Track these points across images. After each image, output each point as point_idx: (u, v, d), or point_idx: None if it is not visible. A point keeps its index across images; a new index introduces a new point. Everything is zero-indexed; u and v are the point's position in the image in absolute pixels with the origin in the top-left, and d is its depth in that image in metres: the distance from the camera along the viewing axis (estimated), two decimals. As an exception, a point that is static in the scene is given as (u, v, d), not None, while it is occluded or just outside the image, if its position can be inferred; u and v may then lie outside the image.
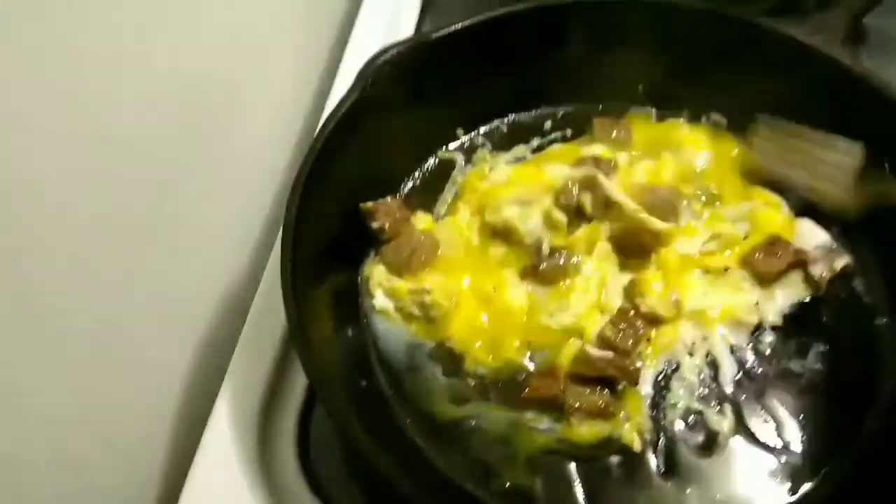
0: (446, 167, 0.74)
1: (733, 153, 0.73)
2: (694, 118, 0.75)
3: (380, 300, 0.63)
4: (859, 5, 0.71)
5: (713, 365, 0.62)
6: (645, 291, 0.63)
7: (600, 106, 0.76)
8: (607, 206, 0.66)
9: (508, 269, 0.65)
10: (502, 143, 0.75)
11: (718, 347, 0.63)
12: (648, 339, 0.62)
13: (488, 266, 0.65)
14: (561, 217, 0.66)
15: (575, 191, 0.67)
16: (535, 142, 0.75)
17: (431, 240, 0.65)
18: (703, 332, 0.63)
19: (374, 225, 0.64)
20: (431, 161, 0.74)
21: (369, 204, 0.65)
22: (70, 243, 0.50)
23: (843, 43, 0.67)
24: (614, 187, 0.66)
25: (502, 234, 0.66)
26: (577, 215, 0.67)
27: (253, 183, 0.75)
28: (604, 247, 0.65)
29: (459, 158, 0.74)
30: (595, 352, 0.60)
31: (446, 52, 0.71)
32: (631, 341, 0.61)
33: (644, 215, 0.64)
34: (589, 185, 0.67)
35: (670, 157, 0.72)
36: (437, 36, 0.71)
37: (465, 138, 0.76)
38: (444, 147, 0.75)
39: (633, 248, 0.65)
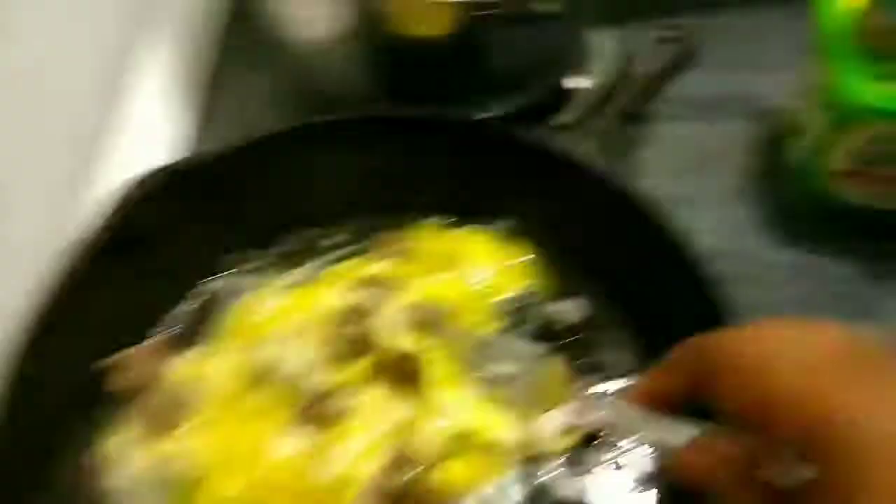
0: (213, 300, 0.68)
1: (521, 260, 0.71)
2: (483, 226, 0.73)
3: (121, 475, 0.56)
4: (623, 110, 0.72)
5: (502, 494, 0.59)
6: (424, 426, 0.59)
7: (386, 219, 0.73)
8: (382, 334, 0.62)
9: (273, 417, 0.59)
10: (280, 265, 0.71)
11: (506, 479, 0.60)
12: (433, 477, 0.58)
13: (251, 416, 0.59)
14: (334, 350, 0.61)
15: (349, 318, 0.63)
16: (318, 261, 0.71)
17: (187, 391, 0.59)
18: (492, 461, 0.60)
19: (118, 383, 0.58)
20: (196, 294, 0.68)
21: (113, 358, 0.58)
22: None
23: (606, 150, 0.68)
24: (385, 312, 0.62)
25: (266, 376, 0.60)
26: (353, 346, 0.62)
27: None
28: (381, 381, 0.61)
29: (230, 288, 0.68)
30: (369, 501, 0.55)
31: (212, 175, 0.67)
32: (411, 483, 0.57)
33: (400, 341, 0.60)
34: (364, 310, 0.63)
35: (457, 270, 0.70)
36: (196, 161, 0.68)
37: (237, 267, 0.70)
38: (213, 277, 0.69)
39: (408, 378, 0.61)
